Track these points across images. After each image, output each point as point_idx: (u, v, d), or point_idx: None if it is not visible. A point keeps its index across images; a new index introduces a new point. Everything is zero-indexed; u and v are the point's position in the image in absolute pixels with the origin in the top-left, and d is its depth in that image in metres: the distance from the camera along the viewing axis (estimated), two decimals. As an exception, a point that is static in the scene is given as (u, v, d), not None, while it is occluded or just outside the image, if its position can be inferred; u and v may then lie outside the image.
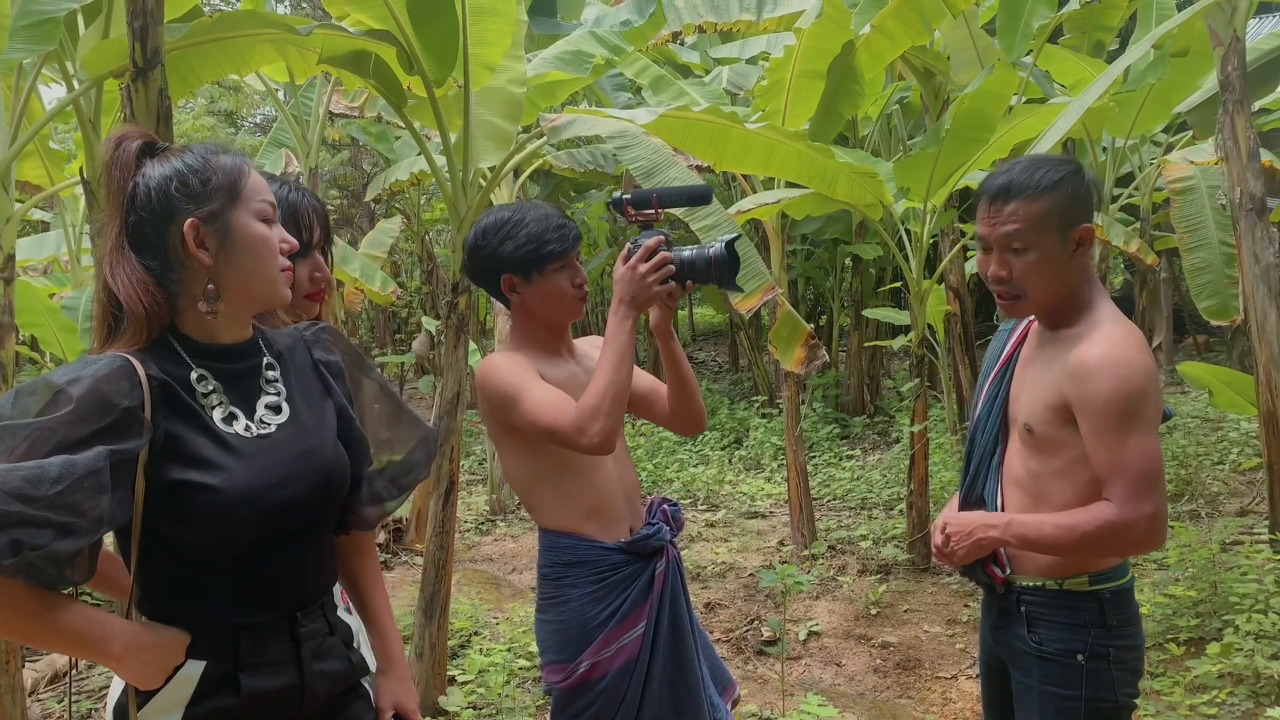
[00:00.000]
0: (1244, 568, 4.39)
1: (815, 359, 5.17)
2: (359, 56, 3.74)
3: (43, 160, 5.45)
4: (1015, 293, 1.88)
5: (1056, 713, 1.87)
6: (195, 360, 1.42)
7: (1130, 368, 1.75)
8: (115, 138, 1.42)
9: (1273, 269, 4.46)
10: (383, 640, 1.69)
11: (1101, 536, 1.75)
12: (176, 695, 1.38)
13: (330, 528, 1.58)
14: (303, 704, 1.47)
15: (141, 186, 1.40)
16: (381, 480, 1.64)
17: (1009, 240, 1.85)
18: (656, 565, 2.09)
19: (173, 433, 1.35)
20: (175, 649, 1.37)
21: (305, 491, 1.45)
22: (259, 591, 1.44)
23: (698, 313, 19.72)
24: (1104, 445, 1.75)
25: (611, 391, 1.87)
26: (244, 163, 1.47)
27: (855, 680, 4.28)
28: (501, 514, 7.62)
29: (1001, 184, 1.86)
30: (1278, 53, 5.40)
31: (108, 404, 1.28)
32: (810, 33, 4.95)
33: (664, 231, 2.00)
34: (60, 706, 4.13)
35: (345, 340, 1.69)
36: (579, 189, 11.07)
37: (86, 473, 1.22)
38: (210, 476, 1.36)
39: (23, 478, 1.18)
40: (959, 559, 1.93)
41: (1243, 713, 3.47)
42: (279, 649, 1.45)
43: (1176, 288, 11.24)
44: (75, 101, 3.74)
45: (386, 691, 1.65)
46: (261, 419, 1.46)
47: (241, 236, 1.42)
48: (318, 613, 1.52)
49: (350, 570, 1.69)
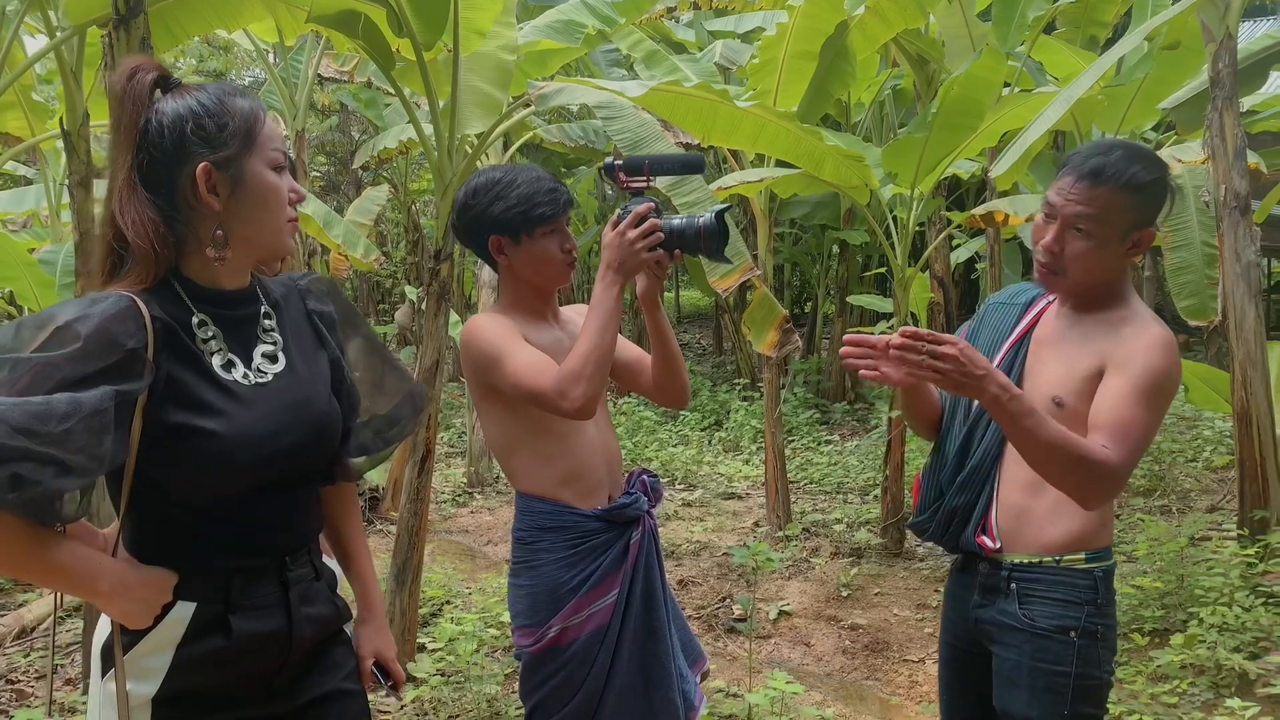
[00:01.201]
0: (1211, 562, 4.44)
1: (788, 343, 5.18)
2: (348, 16, 3.70)
3: (24, 112, 5.38)
4: (1057, 269, 1.87)
5: (1045, 689, 1.87)
6: (196, 305, 1.41)
7: (1176, 360, 1.81)
8: (129, 67, 1.39)
9: (1253, 268, 4.50)
10: (363, 589, 1.70)
11: (1087, 468, 1.70)
12: (167, 636, 1.38)
13: (319, 477, 1.58)
14: (290, 647, 1.47)
15: (154, 122, 1.37)
16: (368, 432, 1.65)
17: (1075, 220, 1.83)
18: (632, 534, 2.09)
19: (174, 376, 1.34)
20: (163, 588, 1.37)
21: (300, 441, 1.45)
22: (250, 536, 1.44)
23: (684, 295, 19.73)
24: (1126, 404, 1.75)
25: (595, 356, 1.86)
26: (260, 108, 1.44)
27: (823, 660, 4.32)
28: (479, 487, 7.62)
29: (1095, 166, 1.82)
30: (1267, 53, 5.42)
31: (114, 343, 1.26)
32: (803, 11, 4.93)
33: (655, 199, 1.99)
34: (26, 661, 4.11)
35: (338, 292, 1.69)
36: (569, 164, 11.02)
37: (92, 411, 1.21)
38: (210, 421, 1.35)
39: (29, 413, 1.16)
40: (933, 365, 1.65)
41: (1203, 703, 3.52)
42: (268, 593, 1.45)
43: (1160, 286, 11.32)
44: (57, 50, 3.69)
45: (367, 640, 1.66)
46: (258, 367, 1.45)
47: (253, 185, 1.41)
48: (305, 558, 1.52)
49: (334, 521, 1.69)
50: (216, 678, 1.41)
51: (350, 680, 1.60)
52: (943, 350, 1.64)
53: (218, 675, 1.41)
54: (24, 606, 4.59)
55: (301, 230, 6.14)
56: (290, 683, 1.50)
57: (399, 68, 4.03)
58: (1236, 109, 4.48)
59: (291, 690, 1.51)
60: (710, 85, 4.43)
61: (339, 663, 1.58)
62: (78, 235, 3.86)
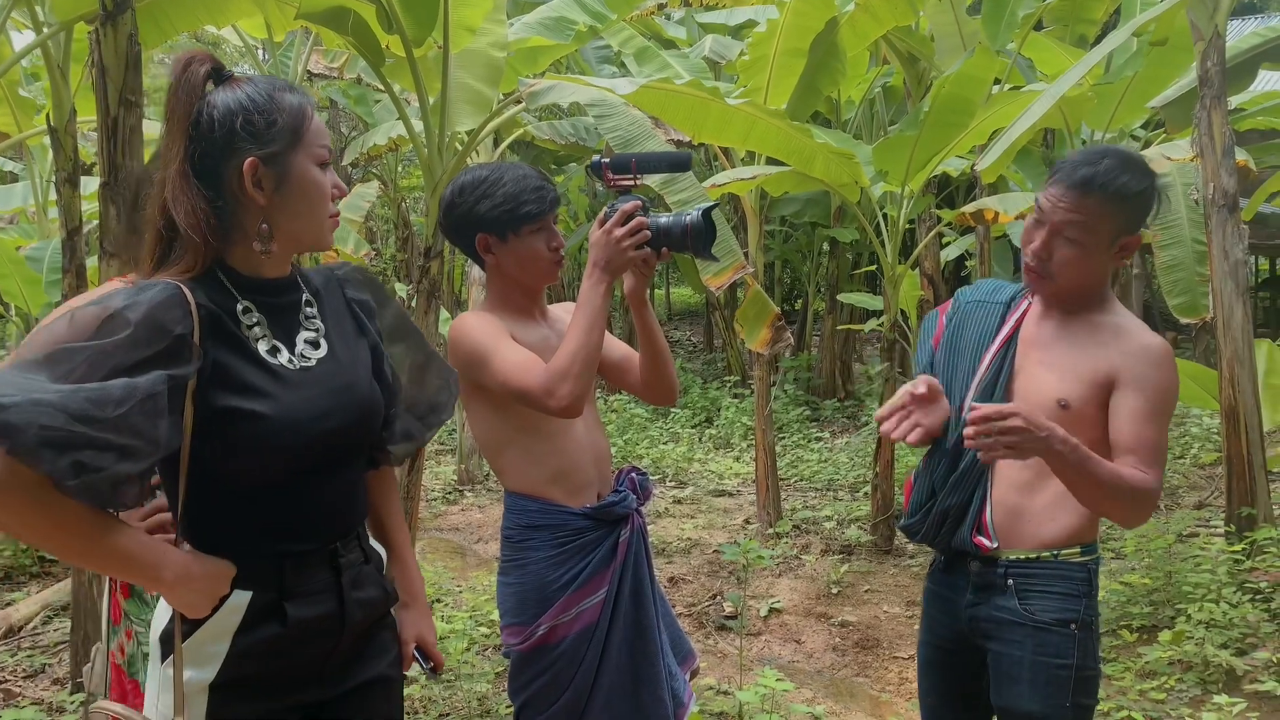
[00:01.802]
0: (1198, 558, 4.47)
1: (780, 340, 5.18)
2: (338, 12, 3.68)
3: (11, 108, 5.36)
4: (1045, 273, 1.90)
5: (1047, 682, 1.88)
6: (241, 293, 1.44)
7: (1174, 364, 1.87)
8: (184, 59, 1.41)
9: (1241, 265, 4.51)
10: (405, 574, 1.72)
11: (1135, 496, 1.80)
12: (224, 624, 1.40)
13: (363, 461, 1.61)
14: (343, 631, 1.50)
15: (205, 115, 1.39)
16: (410, 417, 1.68)
17: (1064, 229, 1.85)
18: (621, 532, 2.09)
19: (220, 361, 1.37)
20: (222, 579, 1.39)
21: (344, 424, 1.48)
22: (300, 522, 1.47)
23: (675, 292, 19.74)
24: (1149, 425, 1.83)
25: (582, 355, 1.86)
26: (308, 104, 1.46)
27: (814, 657, 4.32)
28: (469, 484, 7.61)
29: (1085, 176, 1.83)
30: (1255, 51, 5.44)
31: (163, 330, 1.29)
32: (794, 8, 4.93)
33: (642, 197, 1.98)
34: (14, 660, 4.09)
35: (376, 282, 1.71)
36: (560, 161, 11.01)
37: (146, 395, 1.23)
38: (257, 404, 1.38)
39: (86, 399, 1.18)
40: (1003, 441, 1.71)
41: (1191, 699, 3.53)
42: (320, 578, 1.48)
43: (1148, 284, 11.37)
44: (44, 46, 3.66)
45: (410, 624, 1.70)
46: (302, 353, 1.48)
47: (298, 180, 1.43)
48: (354, 543, 1.55)
49: (375, 506, 1.72)
50: (272, 663, 1.44)
51: (394, 666, 1.64)
52: (1010, 425, 1.70)
53: (273, 661, 1.44)
54: (10, 606, 4.57)
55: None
56: (340, 668, 1.53)
57: (389, 64, 4.02)
58: (1225, 107, 4.49)
59: (341, 675, 1.54)
60: (701, 83, 4.43)
61: (386, 648, 1.62)
62: (65, 232, 3.84)
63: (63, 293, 3.90)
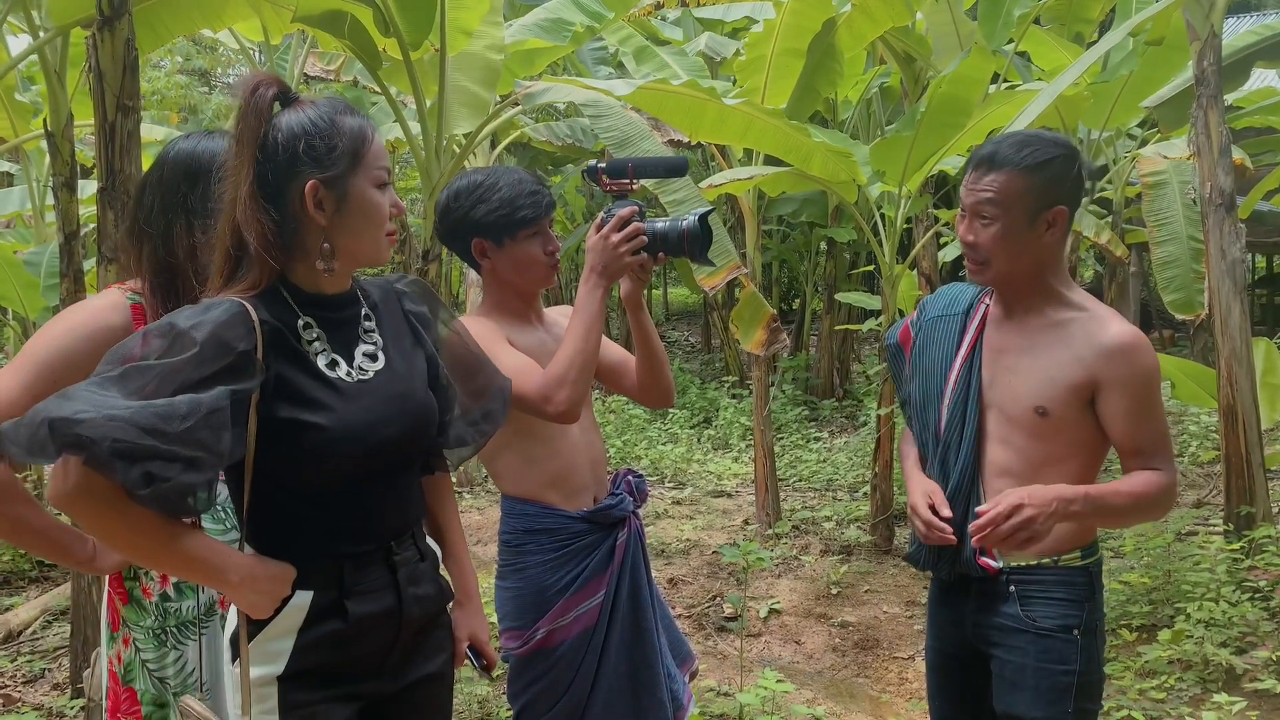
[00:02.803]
0: (1197, 557, 4.47)
1: (775, 341, 5.19)
2: (335, 15, 3.69)
3: (7, 112, 5.35)
4: (980, 259, 1.91)
5: (1050, 688, 1.87)
6: (302, 309, 1.50)
7: (1150, 348, 1.85)
8: (252, 83, 1.46)
9: (1238, 264, 4.51)
10: (460, 574, 1.79)
11: (1158, 501, 1.84)
12: (289, 623, 1.48)
13: (419, 467, 1.68)
14: (401, 626, 1.57)
15: (271, 138, 1.44)
16: (463, 424, 1.73)
17: (979, 208, 1.88)
18: (618, 535, 2.09)
19: (282, 375, 1.44)
20: (285, 581, 1.47)
21: (401, 432, 1.55)
22: (358, 524, 1.53)
23: (672, 293, 19.74)
24: (1144, 418, 1.84)
25: (579, 360, 1.86)
26: (369, 128, 1.51)
27: (814, 658, 4.32)
28: (468, 486, 7.61)
29: (987, 153, 1.88)
30: (1251, 49, 5.44)
31: (227, 347, 1.36)
32: (791, 8, 4.93)
33: (638, 202, 1.99)
34: (13, 666, 4.09)
35: (433, 294, 1.77)
36: (556, 163, 11.01)
37: (210, 410, 1.30)
38: (318, 416, 1.45)
39: (155, 414, 1.26)
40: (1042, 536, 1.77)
41: (1190, 698, 3.54)
42: (378, 576, 1.55)
43: (1145, 282, 11.38)
44: (40, 51, 3.66)
45: (463, 623, 1.76)
46: (360, 366, 1.54)
47: (358, 202, 1.49)
48: (409, 542, 1.62)
49: (431, 509, 1.78)
50: (336, 656, 1.51)
51: (447, 664, 1.71)
52: (1021, 519, 1.74)
53: (337, 654, 1.51)
54: (10, 611, 4.56)
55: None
56: (399, 663, 1.60)
57: (385, 67, 4.02)
58: (1221, 106, 4.49)
59: (399, 670, 1.60)
60: (698, 83, 4.43)
61: (441, 646, 1.69)
62: (62, 237, 3.83)
63: (60, 297, 3.89)
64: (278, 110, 1.47)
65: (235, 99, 1.48)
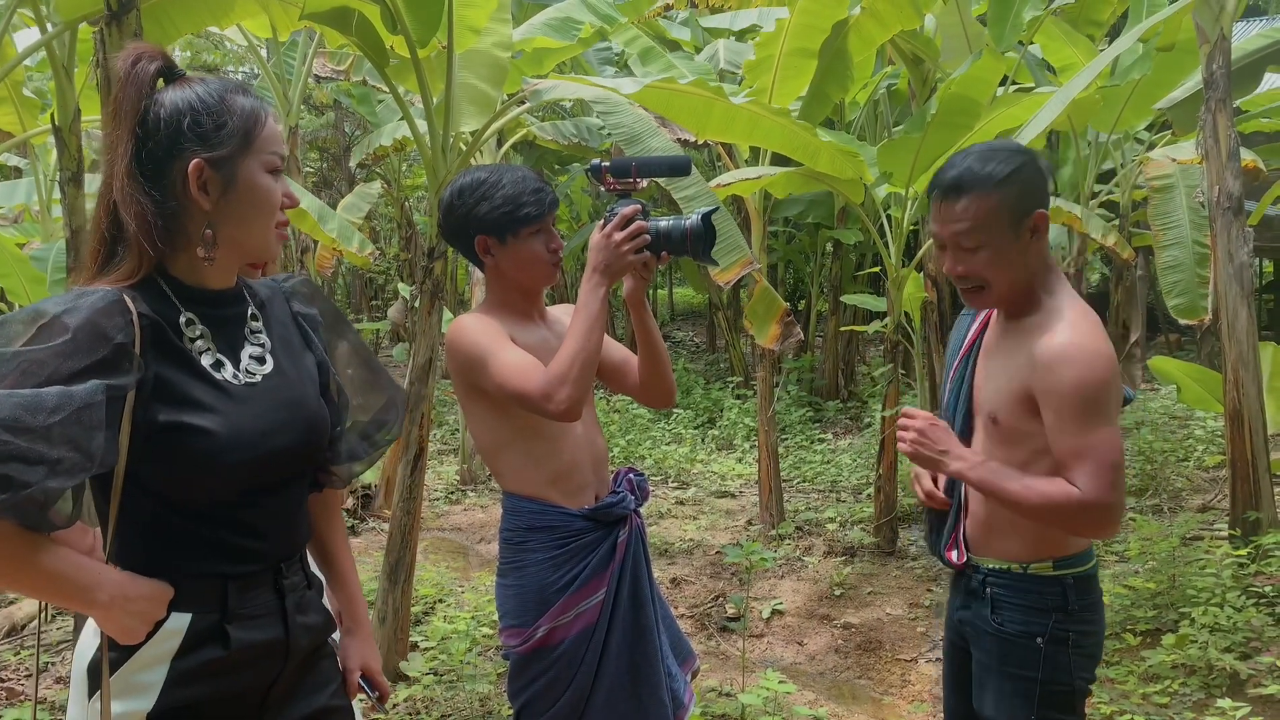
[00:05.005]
0: (1203, 562, 4.45)
1: (790, 336, 5.18)
2: (342, 13, 3.68)
3: (16, 107, 5.36)
4: (978, 284, 1.86)
5: (1012, 693, 1.89)
6: (184, 304, 1.37)
7: (1094, 357, 1.74)
8: (133, 53, 1.35)
9: (1246, 268, 4.50)
10: (349, 600, 1.66)
11: (1060, 510, 1.74)
12: (161, 649, 1.33)
13: (308, 481, 1.55)
14: (287, 658, 1.44)
15: (153, 112, 1.33)
16: (354, 436, 1.63)
17: (959, 239, 1.82)
18: (619, 534, 2.09)
19: (162, 375, 1.30)
20: (160, 601, 1.32)
21: (293, 441, 1.43)
22: (245, 541, 1.40)
23: (677, 293, 19.73)
24: (1069, 434, 1.73)
25: (581, 358, 1.86)
26: (262, 108, 1.40)
27: (816, 659, 4.32)
28: (472, 484, 7.61)
29: (953, 179, 1.81)
30: (1262, 53, 5.42)
31: (103, 337, 1.22)
32: (801, 8, 4.93)
33: (642, 201, 1.98)
34: (16, 659, 4.10)
35: (323, 295, 1.66)
36: (563, 161, 11.01)
37: (83, 405, 1.17)
38: (204, 419, 1.31)
39: (17, 405, 1.12)
40: (907, 451, 1.90)
41: (1194, 703, 3.52)
42: (265, 601, 1.41)
43: (1152, 285, 11.34)
44: (48, 45, 3.66)
45: (355, 652, 1.63)
46: (246, 369, 1.42)
47: (246, 187, 1.37)
48: (298, 566, 1.49)
49: (319, 530, 1.65)
50: (213, 691, 1.36)
51: (338, 696, 1.56)
52: (907, 423, 1.90)
53: (215, 688, 1.36)
54: (13, 604, 4.57)
55: (294, 227, 6.12)
56: (282, 698, 1.46)
57: (393, 65, 4.01)
58: (1230, 110, 4.47)
59: (282, 706, 1.46)
60: (705, 82, 4.42)
61: (328, 677, 1.55)
62: (69, 232, 3.84)
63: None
64: (161, 86, 1.36)
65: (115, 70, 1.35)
